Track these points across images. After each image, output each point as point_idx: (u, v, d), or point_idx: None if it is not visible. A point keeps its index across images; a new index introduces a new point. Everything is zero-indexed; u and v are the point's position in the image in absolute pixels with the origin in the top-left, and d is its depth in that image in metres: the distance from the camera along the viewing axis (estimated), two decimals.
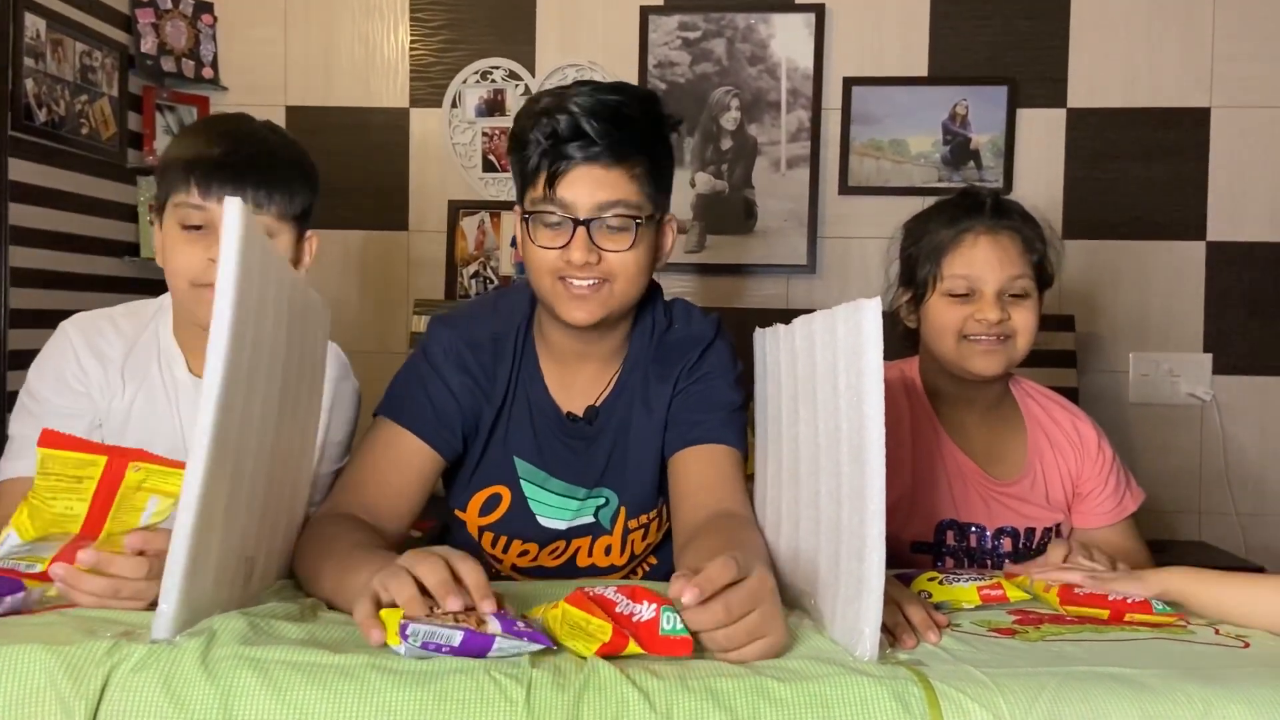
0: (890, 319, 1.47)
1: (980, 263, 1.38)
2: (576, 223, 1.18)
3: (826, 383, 0.96)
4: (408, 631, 0.77)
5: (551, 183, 1.18)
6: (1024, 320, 1.38)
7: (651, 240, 1.24)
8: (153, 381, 1.29)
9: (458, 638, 0.78)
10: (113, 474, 0.98)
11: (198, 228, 1.24)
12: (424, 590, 0.84)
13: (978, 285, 1.38)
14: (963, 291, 1.39)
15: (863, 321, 0.85)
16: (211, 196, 1.22)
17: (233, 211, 0.80)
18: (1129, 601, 1.05)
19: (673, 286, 2.82)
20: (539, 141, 1.18)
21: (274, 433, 0.97)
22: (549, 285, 1.21)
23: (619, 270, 1.20)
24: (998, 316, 1.36)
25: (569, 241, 1.18)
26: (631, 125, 1.18)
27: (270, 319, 0.91)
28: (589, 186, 1.18)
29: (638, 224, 1.20)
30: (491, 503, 1.32)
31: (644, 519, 1.33)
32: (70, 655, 0.74)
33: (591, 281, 1.19)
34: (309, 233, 1.35)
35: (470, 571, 0.86)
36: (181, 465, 0.88)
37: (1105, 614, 1.05)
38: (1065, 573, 1.12)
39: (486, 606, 0.83)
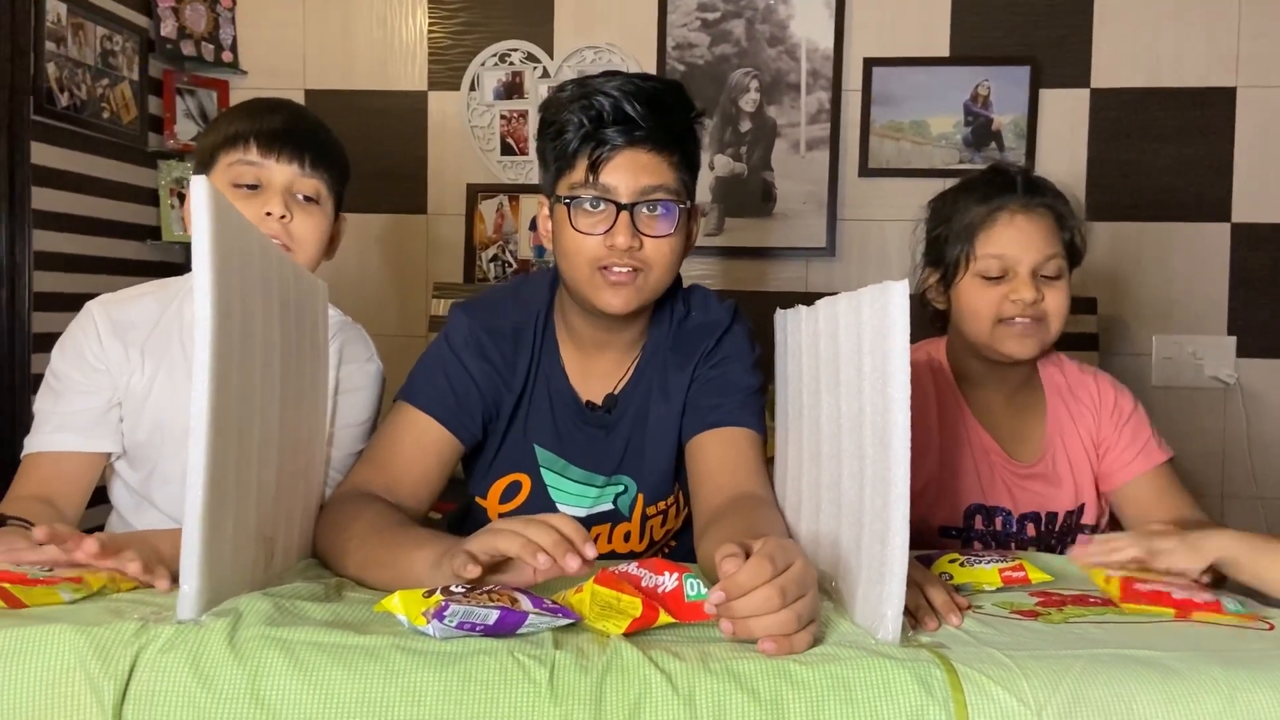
0: (914, 301, 1.46)
1: (1015, 242, 1.36)
2: (620, 207, 1.17)
3: (850, 365, 0.95)
4: (446, 613, 0.77)
5: (594, 167, 1.17)
6: (1057, 301, 1.36)
7: (684, 229, 1.23)
8: (174, 358, 1.31)
9: (493, 616, 0.79)
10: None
11: (253, 187, 1.28)
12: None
13: (1012, 265, 1.36)
14: (996, 273, 1.36)
15: (889, 304, 0.85)
16: (271, 155, 1.27)
17: (200, 190, 0.79)
18: (1197, 601, 0.97)
19: (691, 270, 2.81)
20: (581, 124, 1.17)
21: (278, 409, 0.97)
22: (586, 274, 1.20)
23: (656, 258, 1.19)
24: (1033, 296, 1.34)
25: (611, 227, 1.17)
26: (670, 112, 1.19)
27: (259, 296, 0.91)
28: (633, 171, 1.17)
29: (680, 209, 1.19)
30: (511, 490, 1.32)
31: (662, 505, 1.33)
32: (99, 636, 0.75)
33: (628, 268, 1.18)
34: (341, 215, 1.39)
35: (565, 523, 0.89)
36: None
37: (1171, 612, 0.97)
38: (1116, 549, 1.07)
39: (589, 550, 0.86)
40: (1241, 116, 2.72)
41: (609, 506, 1.32)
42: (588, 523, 1.32)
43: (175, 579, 0.90)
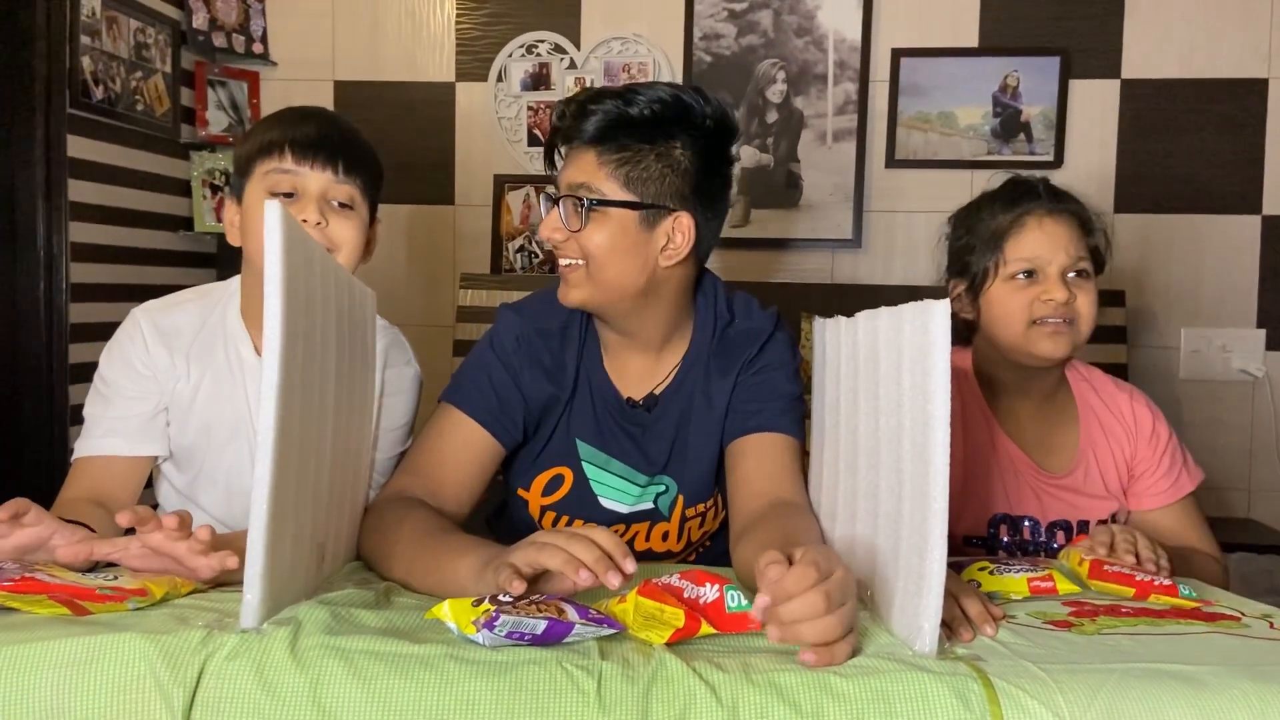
0: None
1: (1044, 244, 1.38)
2: (553, 201, 1.25)
3: (890, 379, 0.97)
4: (496, 623, 0.80)
5: (562, 166, 1.27)
6: (1087, 302, 1.39)
7: (629, 229, 1.23)
8: (218, 363, 1.34)
9: (541, 626, 0.82)
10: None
11: (289, 195, 1.29)
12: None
13: (1042, 266, 1.38)
14: (1027, 276, 1.39)
15: (930, 323, 0.86)
16: (305, 163, 1.29)
17: (273, 214, 0.82)
18: (1156, 583, 1.09)
19: (717, 262, 2.81)
20: (555, 126, 1.28)
21: (332, 420, 1.00)
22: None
23: (589, 249, 1.24)
24: (1065, 296, 1.36)
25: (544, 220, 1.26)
26: (619, 115, 1.23)
27: (319, 309, 0.94)
28: (570, 167, 1.25)
29: (586, 206, 1.22)
30: (554, 483, 1.35)
31: (701, 508, 1.36)
32: (168, 644, 0.78)
33: (569, 262, 1.25)
34: (377, 217, 1.41)
35: (606, 538, 0.92)
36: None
37: (1131, 592, 1.09)
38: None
39: (629, 565, 0.89)
40: (1273, 108, 2.70)
41: (650, 505, 1.35)
42: (629, 520, 1.35)
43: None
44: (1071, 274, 1.39)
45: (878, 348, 1.01)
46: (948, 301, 0.86)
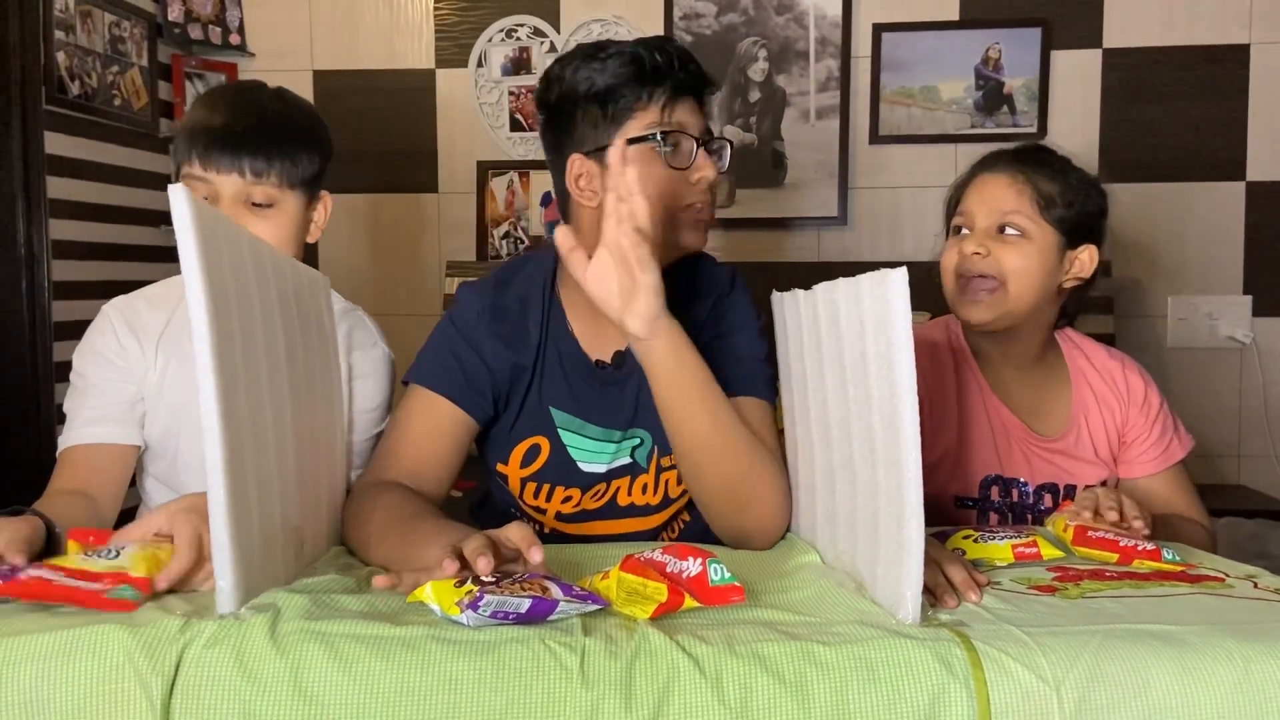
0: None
1: (976, 200, 1.38)
2: (699, 142, 1.25)
3: (854, 350, 0.96)
4: (481, 603, 0.79)
5: (668, 108, 1.24)
6: (1010, 260, 1.34)
7: None
8: (186, 350, 1.33)
9: (525, 605, 0.81)
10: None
11: (205, 200, 1.27)
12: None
13: (970, 222, 1.38)
14: (960, 230, 1.40)
15: (889, 292, 0.85)
16: (211, 168, 1.26)
17: (179, 199, 0.80)
18: (1139, 548, 1.09)
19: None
20: (652, 69, 1.22)
21: (290, 402, 0.99)
22: (666, 217, 1.25)
23: (715, 193, 1.29)
24: (973, 249, 1.34)
25: (693, 161, 1.25)
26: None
27: (254, 292, 0.92)
28: (691, 111, 1.26)
29: (731, 145, 1.30)
30: (532, 454, 1.34)
31: (673, 459, 1.35)
32: (146, 634, 0.77)
33: (707, 203, 1.28)
34: (322, 193, 1.37)
35: (515, 529, 0.92)
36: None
37: (1115, 557, 1.09)
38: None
39: (535, 555, 0.89)
40: (1255, 73, 2.69)
41: (627, 460, 1.35)
42: (608, 478, 1.35)
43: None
44: (1002, 230, 1.35)
45: (839, 319, 1.00)
46: (904, 270, 0.85)
